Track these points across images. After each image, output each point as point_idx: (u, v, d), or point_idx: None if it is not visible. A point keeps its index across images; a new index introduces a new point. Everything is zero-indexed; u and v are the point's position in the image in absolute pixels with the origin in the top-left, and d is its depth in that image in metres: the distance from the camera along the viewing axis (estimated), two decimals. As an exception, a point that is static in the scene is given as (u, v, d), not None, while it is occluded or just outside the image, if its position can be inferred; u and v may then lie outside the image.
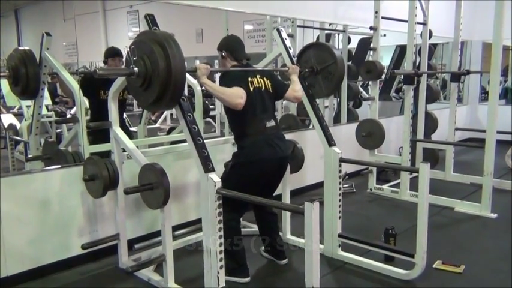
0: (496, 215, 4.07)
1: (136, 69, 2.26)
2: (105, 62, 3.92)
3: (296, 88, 3.02)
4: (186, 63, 2.31)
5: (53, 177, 3.03)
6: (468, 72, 5.31)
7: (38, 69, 3.48)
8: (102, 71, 2.24)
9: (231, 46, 2.89)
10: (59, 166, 3.17)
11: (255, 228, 3.70)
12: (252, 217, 3.93)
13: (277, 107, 5.60)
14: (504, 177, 5.16)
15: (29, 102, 4.35)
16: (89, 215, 3.17)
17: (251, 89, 2.76)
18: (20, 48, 3.56)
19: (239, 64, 2.87)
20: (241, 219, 3.12)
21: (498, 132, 4.08)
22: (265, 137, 2.79)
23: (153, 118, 8.49)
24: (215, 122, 8.10)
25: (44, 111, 4.59)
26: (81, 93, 3.35)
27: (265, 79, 2.89)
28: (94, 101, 3.85)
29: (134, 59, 2.27)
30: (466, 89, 8.08)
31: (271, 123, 2.84)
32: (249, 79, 2.79)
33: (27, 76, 3.39)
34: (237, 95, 2.60)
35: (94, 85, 3.70)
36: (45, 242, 2.96)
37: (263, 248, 3.24)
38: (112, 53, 3.92)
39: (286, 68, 3.13)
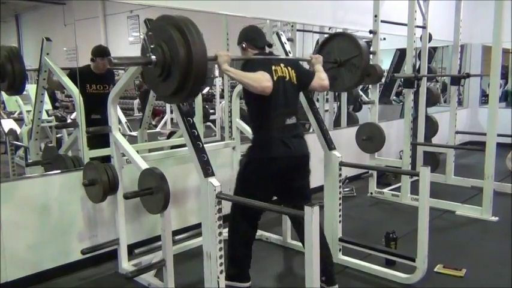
0: (497, 218, 4.06)
1: (153, 57, 2.10)
2: (92, 60, 3.94)
3: (322, 76, 2.81)
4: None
5: (53, 182, 3.03)
6: (468, 76, 5.32)
7: (24, 66, 3.48)
8: (117, 60, 2.05)
9: (249, 36, 2.72)
10: (59, 171, 3.16)
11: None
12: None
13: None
14: (505, 180, 5.15)
15: (29, 107, 4.35)
16: (89, 220, 3.17)
17: (275, 77, 2.54)
18: (5, 45, 3.57)
19: (261, 52, 2.71)
20: (256, 225, 2.82)
21: (498, 135, 4.08)
22: (282, 135, 2.58)
23: (153, 122, 8.49)
24: (215, 126, 8.10)
25: (44, 116, 4.59)
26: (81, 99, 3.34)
27: (289, 69, 2.68)
28: (85, 97, 3.82)
29: (151, 46, 2.10)
30: (466, 92, 8.07)
31: (291, 120, 2.64)
32: (273, 67, 2.59)
33: (13, 72, 3.38)
34: (264, 78, 2.40)
35: (81, 78, 3.69)
36: (45, 247, 2.96)
37: None
38: (102, 52, 3.94)
39: (309, 58, 2.95)
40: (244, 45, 2.69)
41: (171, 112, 7.51)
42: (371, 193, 4.88)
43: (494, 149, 4.04)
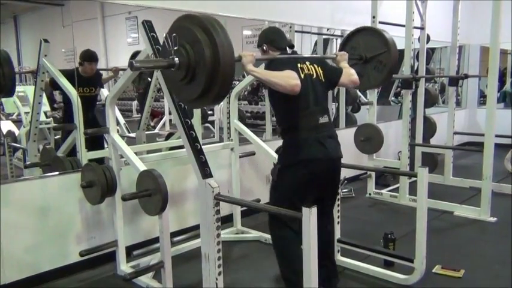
0: (495, 218, 4.06)
1: (177, 59, 1.97)
2: (81, 64, 3.98)
3: (351, 72, 2.68)
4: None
5: (51, 184, 3.03)
6: (466, 76, 5.33)
7: (13, 69, 3.48)
8: (138, 63, 1.97)
9: (269, 37, 2.60)
10: (57, 173, 3.16)
11: (253, 233, 3.71)
12: (249, 222, 3.94)
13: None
14: (503, 181, 5.16)
15: (28, 109, 4.35)
16: (87, 222, 3.16)
17: (302, 75, 2.41)
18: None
19: (283, 53, 2.58)
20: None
21: (497, 135, 4.08)
22: (318, 134, 2.45)
23: (152, 124, 8.48)
24: (214, 127, 8.10)
25: (43, 117, 4.59)
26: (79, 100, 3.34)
27: (315, 66, 2.54)
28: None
29: (175, 48, 1.98)
30: (464, 93, 8.09)
31: (324, 119, 2.49)
32: (299, 65, 2.46)
33: (3, 75, 3.38)
34: (292, 77, 2.27)
35: (72, 81, 3.69)
36: (43, 249, 2.95)
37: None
38: (90, 57, 4.01)
39: (334, 56, 2.83)
40: (265, 47, 2.57)
41: (170, 113, 7.50)
42: (369, 194, 4.88)
43: (492, 149, 4.05)
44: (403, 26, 4.53)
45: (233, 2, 3.92)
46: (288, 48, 2.64)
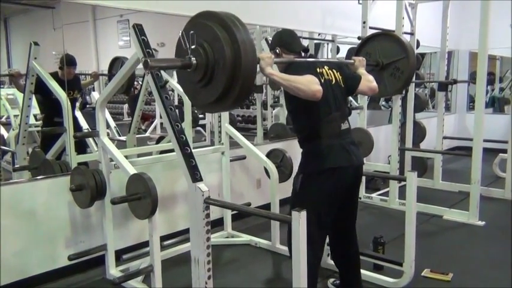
0: (483, 222, 4.10)
1: (194, 59, 1.85)
2: (60, 68, 3.99)
3: (370, 78, 2.55)
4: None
5: (40, 187, 3.01)
6: (455, 82, 5.39)
7: None
8: (153, 62, 1.83)
9: (283, 40, 2.48)
10: (46, 176, 3.14)
11: (244, 237, 3.71)
12: (239, 226, 3.94)
13: (266, 116, 5.65)
14: (492, 185, 5.21)
15: (17, 112, 4.32)
16: (76, 226, 3.14)
17: (322, 80, 2.26)
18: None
19: (297, 56, 2.45)
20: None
21: (485, 140, 4.13)
22: (342, 141, 2.34)
23: (143, 127, 8.45)
24: (205, 131, 8.09)
25: (32, 120, 4.56)
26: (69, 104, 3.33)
27: (334, 71, 2.42)
28: (49, 101, 3.78)
29: (192, 47, 1.84)
30: (453, 98, 8.17)
31: (345, 126, 2.39)
32: (318, 69, 2.34)
33: None
34: (314, 82, 2.11)
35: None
36: (31, 252, 2.93)
37: (331, 281, 2.91)
38: (69, 62, 4.02)
39: (352, 61, 2.69)
40: (278, 50, 2.44)
41: (161, 117, 7.49)
42: (360, 198, 4.89)
43: (480, 154, 4.09)
44: (393, 31, 4.56)
45: (223, 6, 3.92)
46: (302, 53, 2.52)
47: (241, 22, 1.83)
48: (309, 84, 2.10)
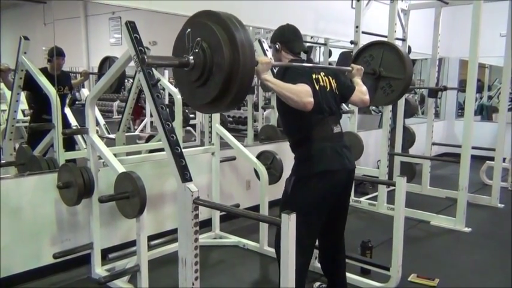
0: (470, 229, 4.13)
1: (191, 58, 1.83)
2: (49, 61, 3.98)
3: (363, 90, 2.54)
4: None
5: (27, 184, 2.96)
6: (445, 89, 5.44)
7: None
8: (150, 59, 1.77)
9: (286, 37, 2.44)
10: (33, 172, 3.09)
11: (232, 238, 3.69)
12: (228, 227, 3.93)
13: (257, 117, 5.64)
14: (479, 192, 5.26)
15: (5, 107, 4.26)
16: (62, 223, 3.10)
17: (317, 87, 2.29)
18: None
19: (296, 57, 2.43)
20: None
21: (473, 147, 4.16)
22: (333, 144, 2.33)
23: (135, 127, 8.39)
24: (195, 131, 8.06)
25: (20, 116, 4.50)
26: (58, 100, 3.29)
27: (330, 78, 2.42)
28: (38, 97, 3.78)
29: (191, 45, 1.83)
30: (443, 104, 8.24)
31: (337, 129, 2.38)
32: (314, 75, 2.33)
33: None
34: (306, 93, 2.10)
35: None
36: (15, 250, 2.88)
37: (317, 284, 2.93)
38: (57, 52, 3.98)
39: (350, 68, 2.66)
40: (278, 46, 2.42)
41: (151, 115, 7.44)
42: (348, 202, 4.91)
43: (468, 161, 4.12)
44: (385, 36, 4.59)
45: (216, 6, 3.91)
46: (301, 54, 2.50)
47: (241, 23, 1.82)
48: (302, 95, 2.09)
